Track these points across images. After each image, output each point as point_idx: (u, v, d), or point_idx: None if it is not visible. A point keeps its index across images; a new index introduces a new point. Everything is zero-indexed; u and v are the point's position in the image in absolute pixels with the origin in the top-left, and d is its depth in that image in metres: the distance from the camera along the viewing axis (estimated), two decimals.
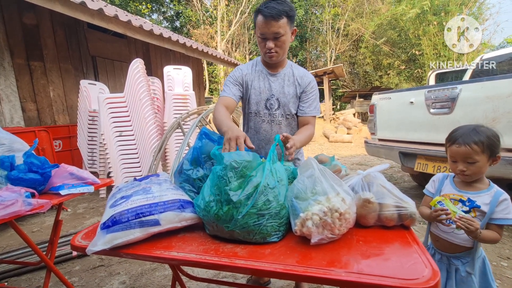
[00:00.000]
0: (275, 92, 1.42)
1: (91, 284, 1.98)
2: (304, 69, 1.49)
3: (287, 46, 1.34)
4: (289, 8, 1.26)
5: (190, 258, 0.77)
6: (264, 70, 1.44)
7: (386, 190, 0.94)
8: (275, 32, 1.26)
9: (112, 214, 0.85)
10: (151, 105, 3.76)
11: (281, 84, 1.42)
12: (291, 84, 1.42)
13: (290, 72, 1.44)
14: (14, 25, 4.22)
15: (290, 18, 1.27)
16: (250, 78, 1.45)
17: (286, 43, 1.32)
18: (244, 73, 1.45)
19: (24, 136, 3.10)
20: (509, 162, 2.19)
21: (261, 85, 1.43)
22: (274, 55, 1.33)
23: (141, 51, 6.72)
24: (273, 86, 1.42)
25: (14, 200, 1.24)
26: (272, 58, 1.35)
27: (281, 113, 1.44)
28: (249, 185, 0.84)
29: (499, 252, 2.22)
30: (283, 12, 1.23)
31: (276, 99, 1.42)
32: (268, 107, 1.44)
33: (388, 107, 3.41)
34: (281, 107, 1.43)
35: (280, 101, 1.43)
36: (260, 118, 1.47)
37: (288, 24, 1.27)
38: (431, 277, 0.62)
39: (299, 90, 1.43)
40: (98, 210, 3.54)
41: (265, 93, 1.43)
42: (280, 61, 1.42)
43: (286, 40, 1.30)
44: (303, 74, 1.45)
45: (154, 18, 19.65)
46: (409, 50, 13.50)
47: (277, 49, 1.31)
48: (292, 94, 1.42)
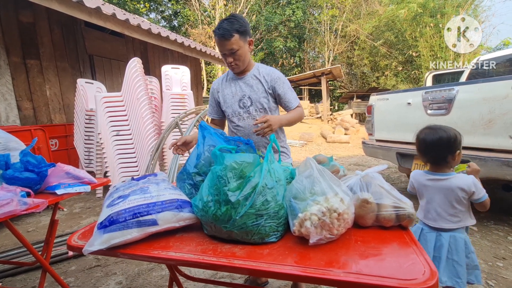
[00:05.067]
0: (246, 92, 1.58)
1: (87, 285, 1.96)
2: (270, 67, 1.62)
3: (245, 57, 1.49)
4: (239, 25, 1.41)
5: (188, 258, 0.77)
6: (234, 77, 1.62)
7: (384, 190, 0.94)
8: (230, 49, 1.42)
9: (109, 213, 0.84)
10: (148, 105, 3.74)
11: (250, 83, 1.58)
12: (258, 82, 1.57)
13: (256, 71, 1.58)
14: (10, 23, 4.18)
15: (242, 33, 1.42)
16: (220, 90, 1.66)
17: (243, 55, 1.47)
18: (215, 89, 1.69)
19: (20, 135, 3.07)
20: (504, 163, 2.21)
21: (233, 90, 1.61)
22: (235, 67, 1.52)
23: (138, 50, 6.69)
24: (243, 87, 1.59)
25: (9, 199, 1.22)
26: (235, 70, 1.55)
27: (255, 108, 1.58)
28: (248, 185, 0.84)
29: (495, 252, 2.24)
30: (233, 30, 1.39)
31: (248, 97, 1.58)
32: (242, 106, 1.60)
33: (385, 108, 3.43)
34: (253, 103, 1.58)
35: (251, 98, 1.57)
36: (237, 117, 1.63)
37: (241, 39, 1.43)
38: (429, 278, 0.62)
39: (266, 86, 1.56)
40: (94, 210, 3.52)
41: (237, 95, 1.60)
42: (248, 66, 1.57)
43: (242, 53, 1.46)
44: (269, 71, 1.58)
45: (152, 17, 19.58)
46: (406, 52, 13.58)
47: (236, 62, 1.48)
48: (261, 90, 1.56)
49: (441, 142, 1.27)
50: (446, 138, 1.26)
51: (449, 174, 1.30)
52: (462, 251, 1.26)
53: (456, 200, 1.27)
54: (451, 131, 1.28)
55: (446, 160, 1.29)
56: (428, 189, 1.35)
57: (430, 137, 1.31)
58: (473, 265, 1.29)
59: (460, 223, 1.29)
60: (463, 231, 1.31)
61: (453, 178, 1.28)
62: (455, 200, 1.27)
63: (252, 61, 1.61)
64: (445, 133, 1.27)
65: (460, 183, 1.25)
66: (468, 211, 1.30)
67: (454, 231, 1.29)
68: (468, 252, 1.28)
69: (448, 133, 1.27)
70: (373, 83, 16.32)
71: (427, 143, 1.32)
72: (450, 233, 1.29)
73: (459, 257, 1.26)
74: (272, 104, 1.59)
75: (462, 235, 1.29)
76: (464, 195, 1.25)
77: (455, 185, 1.26)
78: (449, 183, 1.28)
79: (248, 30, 1.47)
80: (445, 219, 1.29)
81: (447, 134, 1.27)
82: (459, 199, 1.26)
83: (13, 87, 4.18)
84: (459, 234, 1.28)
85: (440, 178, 1.31)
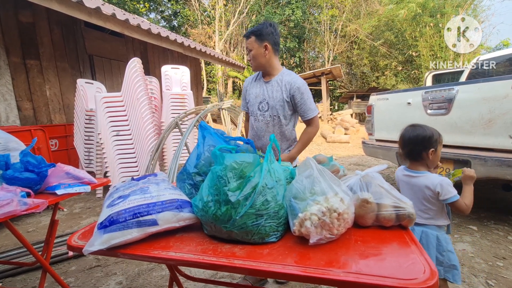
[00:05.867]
0: (266, 96, 1.69)
1: (87, 285, 1.96)
2: (296, 75, 1.69)
3: (258, 58, 1.64)
4: (257, 29, 1.60)
5: (188, 258, 0.77)
6: (261, 79, 1.74)
7: (384, 190, 0.94)
8: (247, 48, 1.65)
9: (109, 214, 0.84)
10: (148, 105, 3.74)
11: (271, 89, 1.68)
12: (279, 89, 1.66)
13: (280, 78, 1.67)
14: (10, 23, 4.18)
15: (258, 36, 1.59)
16: (248, 88, 1.81)
17: (256, 56, 1.63)
18: (245, 87, 1.85)
19: (20, 135, 3.07)
20: (504, 163, 2.21)
21: (257, 91, 1.74)
22: (251, 65, 1.71)
23: (138, 50, 6.69)
24: (265, 92, 1.70)
25: (9, 199, 1.22)
26: (250, 66, 1.73)
27: (270, 114, 1.69)
28: (248, 185, 0.84)
29: (495, 252, 2.24)
30: (251, 33, 1.61)
31: (266, 102, 1.69)
32: (260, 109, 1.72)
33: (385, 108, 3.43)
34: (269, 109, 1.68)
35: (269, 104, 1.68)
36: (254, 117, 1.76)
37: (256, 41, 1.60)
38: (429, 277, 0.62)
39: (285, 95, 1.64)
40: (94, 210, 3.52)
41: (259, 97, 1.72)
42: (271, 70, 1.70)
43: (255, 54, 1.63)
44: (291, 79, 1.65)
45: (151, 17, 19.56)
46: (406, 52, 13.58)
47: (251, 61, 1.67)
48: (279, 98, 1.65)
49: (417, 138, 1.35)
50: (422, 135, 1.35)
51: (421, 172, 1.36)
52: (433, 247, 1.31)
53: (424, 198, 1.33)
54: (430, 130, 1.36)
55: (421, 156, 1.36)
56: (403, 184, 1.44)
57: (409, 133, 1.40)
58: (450, 264, 1.31)
59: (431, 221, 1.34)
60: (437, 228, 1.35)
61: (422, 177, 1.35)
62: (423, 198, 1.33)
63: (278, 66, 1.70)
64: (423, 131, 1.36)
65: (426, 182, 1.32)
66: (441, 211, 1.34)
67: (426, 227, 1.34)
68: (442, 250, 1.31)
69: (426, 131, 1.35)
70: (373, 83, 16.31)
71: (405, 138, 1.41)
72: (422, 228, 1.34)
73: (429, 252, 1.29)
74: (288, 112, 1.68)
75: (434, 232, 1.33)
76: (430, 194, 1.31)
77: (422, 184, 1.33)
78: (418, 181, 1.35)
79: (264, 34, 1.59)
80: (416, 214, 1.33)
81: (425, 132, 1.35)
82: (427, 197, 1.32)
83: (13, 87, 4.18)
84: (431, 230, 1.33)
85: (412, 175, 1.38)
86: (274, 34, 1.62)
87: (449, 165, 2.65)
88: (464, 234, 2.55)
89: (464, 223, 2.77)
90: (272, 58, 1.66)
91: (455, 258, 1.33)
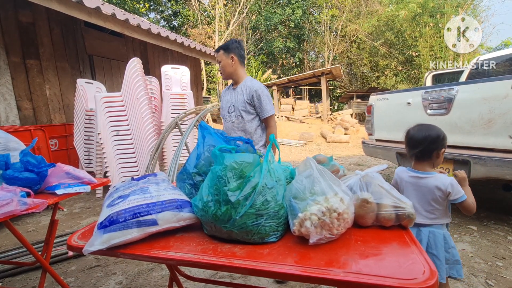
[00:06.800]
0: (233, 101, 1.97)
1: (87, 285, 1.96)
2: (256, 81, 1.95)
3: (226, 68, 1.94)
4: (225, 45, 1.92)
5: (188, 258, 0.77)
6: (231, 88, 2.04)
7: (384, 190, 0.95)
8: (217, 60, 1.97)
9: (109, 213, 0.84)
10: (148, 105, 3.74)
11: (236, 95, 1.96)
12: (242, 93, 1.93)
13: (243, 85, 1.95)
14: (10, 23, 4.18)
15: (225, 50, 1.91)
16: (222, 97, 2.13)
17: (224, 66, 1.94)
18: (221, 96, 2.15)
19: (20, 135, 3.07)
20: (504, 163, 2.21)
21: (227, 98, 2.04)
22: (221, 74, 2.00)
23: (138, 50, 6.69)
24: (233, 97, 1.98)
25: (9, 199, 1.22)
26: (221, 75, 2.04)
27: (235, 114, 1.96)
28: (247, 185, 0.84)
29: (494, 252, 2.24)
30: (220, 48, 1.93)
31: (233, 105, 1.97)
32: (228, 111, 2.00)
33: (385, 108, 3.43)
34: (235, 110, 1.96)
35: (235, 106, 1.96)
36: (224, 119, 2.06)
37: (224, 54, 1.91)
38: (429, 277, 0.63)
39: (246, 97, 1.91)
40: (94, 210, 3.52)
41: (228, 102, 2.01)
42: (237, 79, 1.97)
43: (224, 65, 1.93)
44: (251, 84, 1.92)
45: (151, 17, 19.55)
46: (405, 52, 13.58)
47: (221, 70, 1.98)
48: (241, 100, 1.93)
49: (431, 138, 1.34)
50: (435, 135, 1.34)
51: (430, 173, 1.35)
52: (441, 246, 1.30)
53: (433, 199, 1.32)
54: (438, 129, 1.37)
55: (431, 156, 1.35)
56: (408, 185, 1.41)
57: (420, 133, 1.38)
58: (454, 259, 1.32)
59: (436, 220, 1.34)
60: (442, 226, 1.35)
61: (431, 178, 1.33)
62: (432, 199, 1.32)
63: (243, 75, 1.99)
64: (434, 130, 1.36)
65: (437, 183, 1.30)
66: (445, 210, 1.34)
67: (433, 227, 1.34)
68: (448, 247, 1.32)
69: (437, 130, 1.36)
70: (373, 83, 16.31)
71: (417, 138, 1.38)
72: (429, 229, 1.34)
73: (438, 252, 1.29)
74: (249, 111, 1.93)
75: (441, 231, 1.33)
76: (440, 194, 1.30)
77: (432, 184, 1.31)
78: (427, 181, 1.34)
79: (231, 48, 1.90)
80: (422, 215, 1.34)
81: (436, 131, 1.35)
82: (436, 198, 1.31)
83: (13, 87, 4.18)
84: (438, 229, 1.33)
85: (420, 176, 1.36)
86: (239, 49, 1.93)
87: (449, 165, 2.65)
88: (464, 234, 2.55)
89: (464, 223, 2.78)
90: (238, 68, 1.94)
91: (457, 253, 1.34)
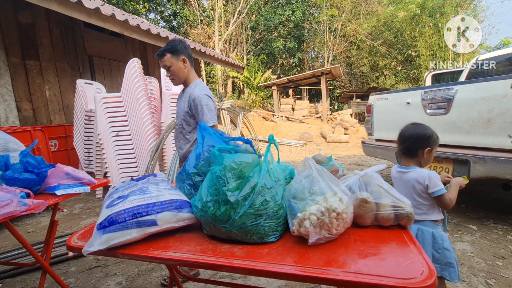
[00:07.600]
0: (179, 107, 1.81)
1: (87, 285, 1.96)
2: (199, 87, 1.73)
3: (179, 72, 1.71)
4: (170, 46, 1.65)
5: (187, 259, 0.77)
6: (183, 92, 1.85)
7: (383, 190, 0.95)
8: (164, 65, 1.69)
9: (108, 214, 0.84)
10: (148, 105, 3.74)
11: (183, 101, 1.77)
12: (186, 101, 1.74)
13: (188, 90, 1.75)
14: (10, 24, 4.18)
15: (173, 53, 1.65)
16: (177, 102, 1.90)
17: (177, 71, 1.69)
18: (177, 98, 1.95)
19: (19, 136, 3.07)
20: (504, 162, 2.21)
21: (179, 101, 1.85)
22: (173, 81, 1.76)
23: (138, 51, 6.69)
24: (180, 103, 1.81)
25: (9, 200, 1.22)
26: (172, 82, 1.77)
27: (178, 122, 1.82)
28: (247, 185, 0.84)
29: (494, 251, 2.24)
30: (165, 51, 1.65)
31: (178, 112, 1.83)
32: (177, 118, 1.86)
33: (385, 108, 3.43)
34: (178, 118, 1.82)
35: (179, 113, 1.81)
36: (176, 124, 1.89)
37: (172, 57, 1.66)
38: (427, 277, 0.63)
39: (186, 105, 1.72)
40: (94, 211, 3.52)
41: (179, 107, 1.83)
42: (188, 82, 1.77)
43: (175, 69, 1.68)
44: (192, 91, 1.71)
45: (151, 18, 19.55)
46: (405, 51, 13.58)
47: (172, 76, 1.72)
48: (183, 108, 1.75)
49: (417, 135, 1.39)
50: (422, 133, 1.39)
51: (411, 168, 1.40)
52: (429, 244, 1.33)
53: (415, 193, 1.36)
54: (429, 129, 1.40)
55: (416, 153, 1.39)
56: (396, 181, 1.47)
57: (409, 130, 1.44)
58: (446, 261, 1.33)
59: (424, 216, 1.36)
60: (432, 225, 1.36)
61: (412, 171, 1.38)
62: (415, 193, 1.36)
63: (194, 78, 1.78)
64: (424, 129, 1.40)
65: (416, 176, 1.35)
66: (433, 206, 1.36)
67: (422, 223, 1.36)
68: (438, 247, 1.33)
69: (427, 130, 1.40)
70: (372, 83, 16.32)
71: (405, 135, 1.44)
72: (418, 225, 1.36)
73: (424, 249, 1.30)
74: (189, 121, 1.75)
75: (430, 229, 1.35)
76: (421, 188, 1.34)
77: (412, 178, 1.36)
78: (408, 176, 1.39)
79: (179, 50, 1.67)
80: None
81: (425, 131, 1.39)
82: (418, 192, 1.35)
83: (13, 88, 4.18)
84: (427, 227, 1.35)
85: (404, 171, 1.42)
86: (187, 49, 1.72)
87: (449, 165, 2.66)
88: (463, 234, 2.55)
89: (464, 222, 2.78)
90: (190, 70, 1.77)
91: (452, 256, 1.33)
